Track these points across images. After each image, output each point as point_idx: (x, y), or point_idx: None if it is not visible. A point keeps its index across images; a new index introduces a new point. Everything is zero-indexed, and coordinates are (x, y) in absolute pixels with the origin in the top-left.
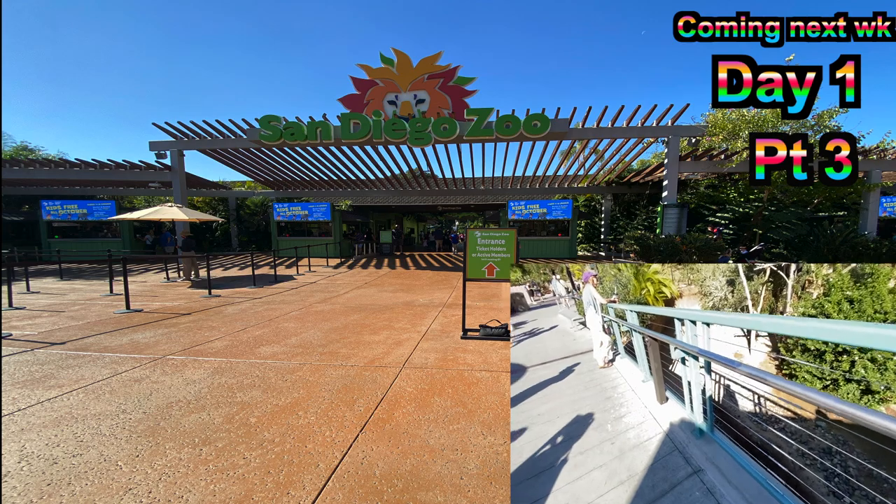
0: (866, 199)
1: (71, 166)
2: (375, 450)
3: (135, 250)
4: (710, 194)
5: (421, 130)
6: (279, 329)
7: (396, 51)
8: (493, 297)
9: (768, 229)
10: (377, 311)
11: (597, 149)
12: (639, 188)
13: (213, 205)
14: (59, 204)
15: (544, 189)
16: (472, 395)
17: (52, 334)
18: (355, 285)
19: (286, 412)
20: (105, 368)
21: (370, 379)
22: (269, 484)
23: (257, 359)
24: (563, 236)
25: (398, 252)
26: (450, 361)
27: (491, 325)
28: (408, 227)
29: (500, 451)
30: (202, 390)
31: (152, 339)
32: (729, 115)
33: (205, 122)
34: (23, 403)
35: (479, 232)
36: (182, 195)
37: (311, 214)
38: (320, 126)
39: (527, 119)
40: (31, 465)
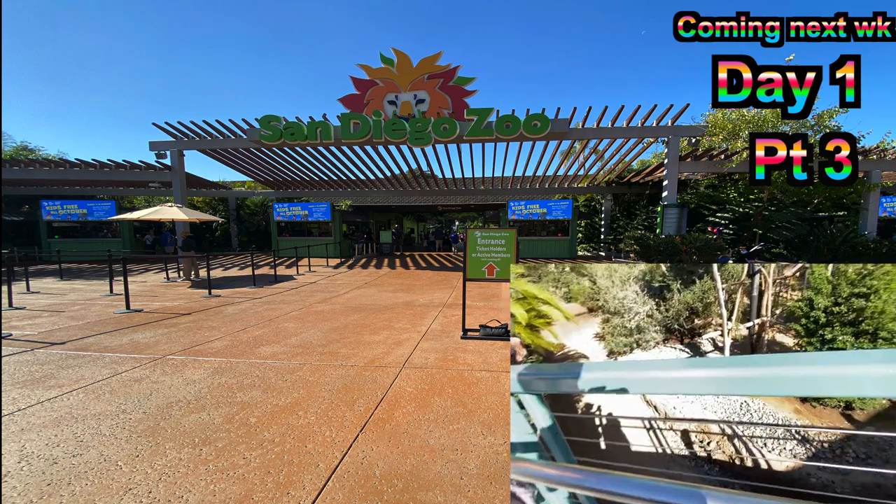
0: (866, 199)
1: (71, 166)
2: (375, 450)
3: (135, 250)
4: (710, 194)
5: (421, 130)
6: (279, 329)
7: (396, 51)
8: (493, 297)
9: (768, 229)
10: (377, 311)
11: (597, 149)
12: (639, 188)
13: (213, 205)
14: (59, 204)
15: (544, 189)
16: (472, 395)
17: (52, 334)
18: (355, 285)
19: (286, 412)
20: (105, 368)
21: (370, 379)
22: (269, 484)
23: (257, 359)
24: (563, 236)
25: (398, 252)
26: (450, 361)
27: (491, 325)
28: (408, 227)
29: (500, 451)
30: (202, 390)
31: (152, 339)
32: (729, 115)
33: (205, 122)
34: (23, 403)
35: (479, 232)
36: (182, 195)
37: (311, 214)
38: (320, 126)
39: (527, 119)
40: (31, 465)
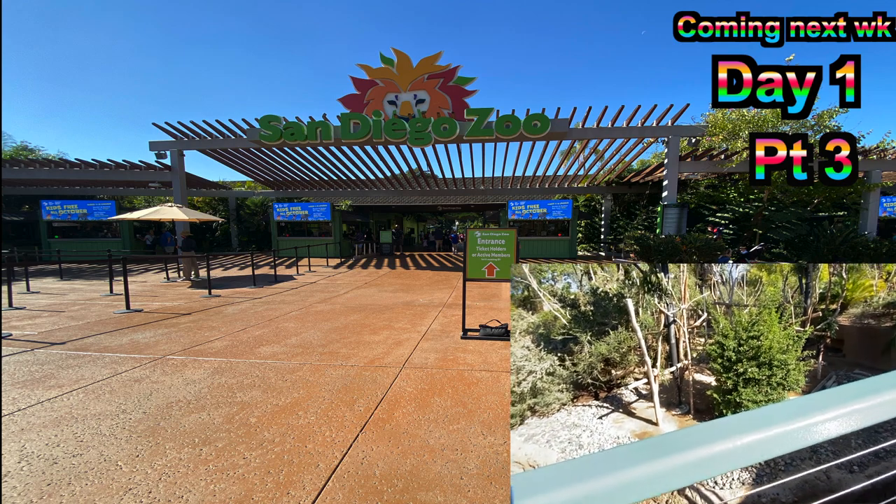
0: (866, 199)
1: (71, 166)
2: (375, 450)
3: (135, 250)
4: (710, 194)
5: (421, 130)
6: (279, 329)
7: (396, 51)
8: (493, 297)
9: (768, 229)
10: (377, 311)
11: (597, 149)
12: (639, 188)
13: (213, 205)
14: (59, 204)
15: (544, 189)
16: (473, 395)
17: (52, 334)
18: (355, 285)
19: (286, 412)
20: (105, 368)
21: (370, 379)
22: (269, 484)
23: (257, 359)
24: (563, 236)
25: (398, 252)
26: (450, 361)
27: (491, 325)
28: (408, 227)
29: (500, 451)
30: (202, 390)
31: (152, 339)
32: (729, 115)
33: (205, 122)
34: (23, 403)
35: (479, 232)
36: (182, 195)
37: (311, 214)
38: (320, 126)
39: (527, 119)
40: (31, 465)
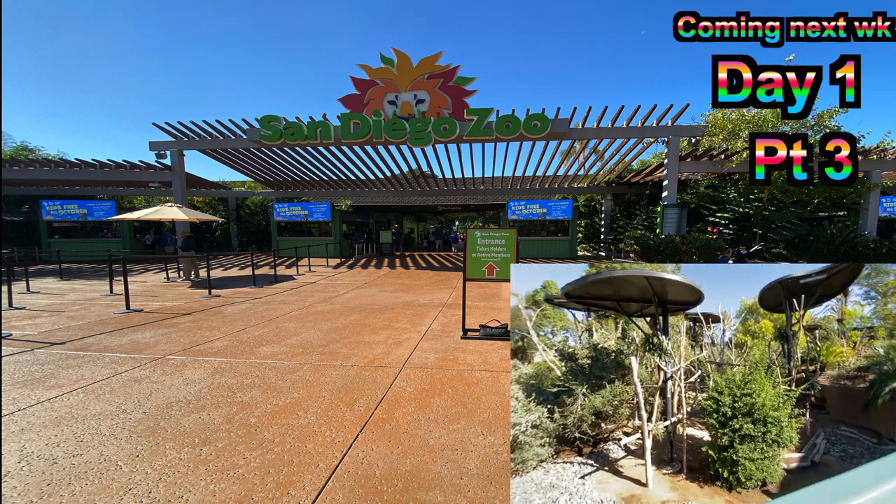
0: (866, 199)
1: (71, 166)
2: (375, 450)
3: (135, 250)
4: (710, 194)
5: (421, 130)
6: (279, 329)
7: (396, 51)
8: (493, 297)
9: (768, 229)
10: (377, 311)
11: (597, 149)
12: (639, 188)
13: (213, 205)
14: (59, 204)
15: (544, 189)
16: (472, 395)
17: (52, 334)
18: (355, 285)
19: (286, 412)
20: (105, 368)
21: (370, 379)
22: (269, 484)
23: (257, 359)
24: (563, 236)
25: (398, 252)
26: (450, 361)
27: (491, 325)
28: (408, 227)
29: (500, 451)
30: (202, 390)
31: (152, 339)
32: (729, 115)
33: (205, 122)
34: (23, 403)
35: (479, 232)
36: (182, 195)
37: (311, 214)
38: (320, 126)
39: (527, 119)
40: (31, 465)
